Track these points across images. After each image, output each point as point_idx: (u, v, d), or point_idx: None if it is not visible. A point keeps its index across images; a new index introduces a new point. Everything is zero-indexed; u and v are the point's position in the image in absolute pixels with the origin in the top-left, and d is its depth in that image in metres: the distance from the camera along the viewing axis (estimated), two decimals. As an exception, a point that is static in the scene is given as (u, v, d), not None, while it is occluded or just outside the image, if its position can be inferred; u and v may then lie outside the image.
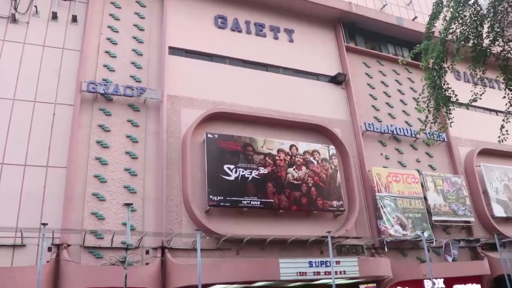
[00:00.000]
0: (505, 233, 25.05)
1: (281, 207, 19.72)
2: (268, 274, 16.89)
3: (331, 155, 22.02)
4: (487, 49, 10.57)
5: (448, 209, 24.55)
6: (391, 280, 20.39)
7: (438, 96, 10.32)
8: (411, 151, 25.78)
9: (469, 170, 27.20)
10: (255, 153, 20.07)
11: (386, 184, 22.96)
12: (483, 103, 28.04)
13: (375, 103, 25.90)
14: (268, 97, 22.29)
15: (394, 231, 22.03)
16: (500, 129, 10.98)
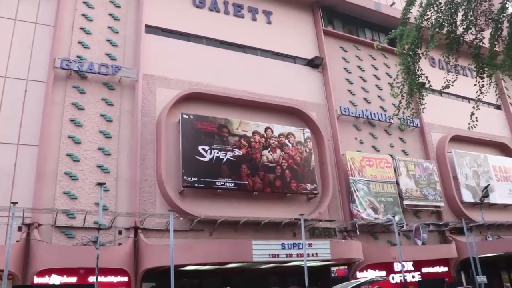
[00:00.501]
0: (472, 218, 25.77)
1: (255, 189, 19.82)
2: (241, 255, 17.02)
3: (306, 138, 22.15)
4: (461, 37, 10.73)
5: (419, 194, 25.04)
6: (362, 262, 20.81)
7: (411, 82, 10.44)
8: (385, 136, 26.11)
9: (440, 156, 27.75)
10: (230, 135, 20.05)
11: (359, 168, 23.25)
12: (456, 91, 28.60)
13: (351, 87, 26.08)
14: (244, 78, 22.22)
15: (366, 215, 22.40)
16: (470, 116, 11.19)
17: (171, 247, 14.60)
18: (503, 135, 33.18)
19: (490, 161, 30.02)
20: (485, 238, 26.90)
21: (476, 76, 11.25)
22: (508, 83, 36.06)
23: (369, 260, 21.05)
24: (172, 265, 14.25)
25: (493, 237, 27.19)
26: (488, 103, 31.76)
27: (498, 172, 29.87)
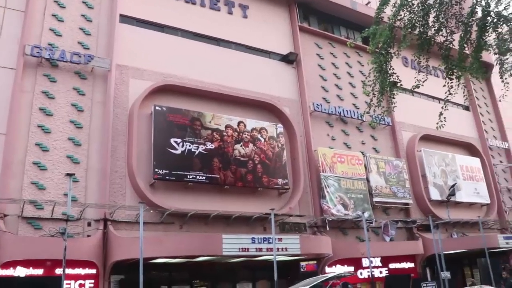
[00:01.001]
0: (439, 215, 26.40)
1: (226, 183, 19.86)
2: (211, 249, 17.06)
3: (278, 133, 22.28)
4: (432, 38, 10.97)
5: (388, 191, 25.49)
6: (331, 258, 21.11)
7: (383, 80, 10.62)
8: (357, 133, 26.47)
9: (410, 154, 28.29)
10: (203, 128, 20.02)
11: (331, 164, 23.51)
12: (427, 91, 29.28)
13: (324, 84, 26.31)
14: (218, 72, 22.17)
15: (336, 211, 22.69)
16: (438, 116, 11.47)
17: (140, 240, 14.53)
18: (471, 135, 34.03)
19: (458, 160, 30.77)
20: (450, 236, 27.60)
21: (445, 77, 11.52)
22: (476, 85, 37.01)
23: (338, 256, 21.37)
24: (141, 258, 14.19)
25: (458, 234, 27.93)
26: (458, 104, 32.51)
27: (464, 172, 30.63)
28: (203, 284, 20.34)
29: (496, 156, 35.57)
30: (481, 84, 37.97)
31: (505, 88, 13.21)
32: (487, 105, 37.64)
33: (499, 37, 12.33)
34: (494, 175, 33.40)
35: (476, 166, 31.90)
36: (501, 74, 12.97)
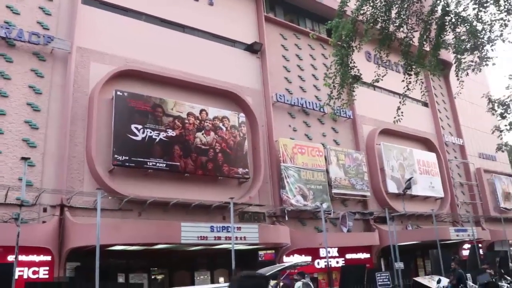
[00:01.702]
0: (395, 208, 27.19)
1: (186, 171, 19.84)
2: (169, 236, 17.07)
3: (240, 122, 22.37)
4: (393, 34, 11.25)
5: (347, 183, 26.01)
6: (289, 247, 21.44)
7: (344, 73, 10.83)
8: (318, 125, 26.85)
9: (370, 147, 28.93)
10: (165, 115, 19.90)
11: (291, 155, 23.80)
12: (388, 86, 29.93)
13: (288, 75, 26.52)
14: (182, 59, 22.02)
15: (296, 201, 23.02)
16: (396, 110, 11.79)
17: (97, 226, 14.32)
18: (428, 131, 35.08)
19: (415, 155, 31.69)
20: (405, 227, 28.47)
21: (404, 72, 11.85)
22: (435, 82, 38.08)
23: (296, 245, 21.73)
24: (98, 245, 14.01)
25: (412, 226, 28.85)
26: (417, 100, 33.34)
27: (421, 166, 31.58)
28: (161, 272, 20.34)
29: (451, 152, 36.83)
30: (440, 82, 39.12)
31: (460, 86, 13.69)
32: (444, 102, 38.84)
33: (457, 37, 12.77)
34: (448, 170, 34.59)
35: (432, 161, 32.93)
36: (457, 73, 13.47)
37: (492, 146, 26.89)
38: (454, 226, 31.31)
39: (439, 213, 30.47)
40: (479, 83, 40.56)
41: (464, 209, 35.10)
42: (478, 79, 39.25)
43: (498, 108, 15.08)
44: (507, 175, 41.90)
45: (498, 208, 37.69)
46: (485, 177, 38.21)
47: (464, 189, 36.74)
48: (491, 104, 15.27)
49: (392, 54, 13.27)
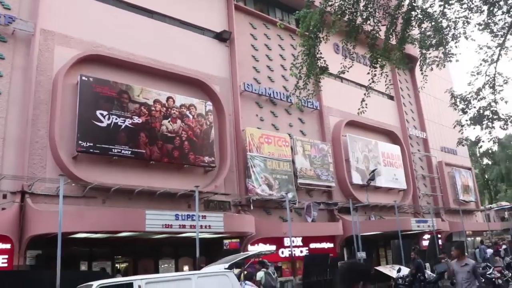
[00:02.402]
0: (359, 199, 27.76)
1: (152, 159, 19.74)
2: (134, 224, 16.98)
3: (207, 111, 22.35)
4: (360, 27, 11.45)
5: (313, 173, 26.36)
6: (254, 236, 21.63)
7: (310, 64, 10.98)
8: (285, 116, 27.06)
9: (335, 138, 29.35)
10: (131, 101, 19.70)
11: (258, 144, 23.95)
12: (356, 78, 30.34)
13: (256, 64, 26.59)
14: (150, 45, 21.78)
15: (261, 191, 23.22)
16: (361, 102, 12.03)
17: (59, 213, 14.09)
18: (393, 124, 35.83)
19: (380, 147, 32.32)
20: (368, 218, 29.09)
21: (370, 65, 12.09)
22: (401, 76, 38.84)
23: (261, 234, 21.94)
24: (59, 232, 13.77)
25: (375, 217, 29.49)
26: (383, 94, 33.99)
27: (385, 158, 32.25)
28: (124, 260, 20.27)
29: (415, 145, 37.78)
30: (405, 76, 39.93)
31: (424, 80, 14.07)
32: (410, 96, 39.71)
33: (423, 33, 13.13)
34: (411, 162, 35.48)
35: (396, 153, 33.68)
36: (421, 67, 13.84)
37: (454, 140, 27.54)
38: (415, 217, 32.14)
39: (401, 204, 31.25)
40: (443, 79, 41.62)
41: (425, 201, 36.11)
42: (442, 75, 40.28)
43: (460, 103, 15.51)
44: (466, 169, 43.35)
45: (457, 200, 39.05)
46: (446, 170, 39.42)
47: (426, 182, 37.78)
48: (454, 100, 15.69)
49: (359, 47, 13.52)
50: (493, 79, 14.38)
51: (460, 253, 9.27)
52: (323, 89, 27.10)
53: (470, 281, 8.84)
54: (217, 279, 10.49)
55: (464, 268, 8.99)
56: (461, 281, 8.93)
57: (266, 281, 14.54)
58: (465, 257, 9.32)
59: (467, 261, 9.16)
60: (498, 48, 13.95)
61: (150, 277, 9.64)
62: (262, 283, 14.53)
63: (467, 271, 8.91)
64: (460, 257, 9.23)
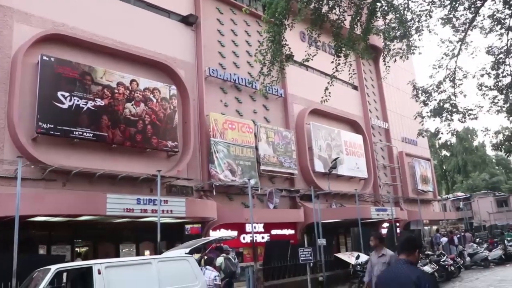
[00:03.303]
0: (321, 186, 28.29)
1: (114, 142, 19.59)
2: (94, 208, 16.91)
3: (171, 95, 22.28)
4: (325, 15, 11.64)
5: (276, 160, 26.68)
6: (216, 222, 21.83)
7: (275, 51, 11.11)
8: (250, 102, 27.22)
9: (299, 126, 29.72)
10: (93, 83, 19.44)
11: (221, 130, 24.06)
12: (321, 67, 30.67)
13: (222, 50, 26.57)
14: (114, 26, 21.44)
15: (224, 176, 23.38)
16: (324, 90, 12.27)
17: (17, 196, 13.87)
18: (357, 113, 36.50)
19: (343, 136, 32.92)
20: (329, 206, 29.69)
21: (334, 54, 12.33)
22: (366, 66, 39.51)
23: (223, 220, 22.16)
24: (17, 215, 13.55)
25: (336, 205, 30.12)
26: (347, 83, 34.47)
27: (348, 147, 32.88)
28: (85, 244, 20.13)
29: (377, 135, 38.63)
30: (370, 66, 40.65)
31: (386, 71, 14.45)
32: (373, 87, 40.48)
33: (387, 24, 13.46)
34: (373, 152, 36.30)
35: (358, 142, 34.38)
36: (384, 58, 14.22)
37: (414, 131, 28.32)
38: (375, 205, 32.99)
39: (362, 193, 32.01)
40: (406, 71, 42.54)
41: (386, 190, 37.09)
42: (405, 67, 41.15)
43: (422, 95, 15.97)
44: (426, 160, 44.68)
45: (416, 190, 40.27)
46: (406, 160, 40.52)
47: (386, 171, 38.75)
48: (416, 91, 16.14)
49: (324, 35, 13.72)
50: (453, 73, 14.89)
51: (378, 242, 8.42)
52: (288, 77, 27.41)
53: None
54: (177, 264, 10.62)
55: (380, 260, 8.08)
56: (376, 275, 7.71)
57: (225, 266, 14.75)
58: (383, 246, 8.42)
59: (385, 251, 8.22)
60: (459, 43, 14.45)
61: (110, 261, 9.69)
62: (221, 269, 14.75)
63: (383, 262, 7.94)
64: (378, 246, 8.36)
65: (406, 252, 4.54)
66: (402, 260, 4.51)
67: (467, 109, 15.32)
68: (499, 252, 25.12)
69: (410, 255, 4.53)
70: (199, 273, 10.76)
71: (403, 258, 4.53)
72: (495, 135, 17.91)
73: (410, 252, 4.53)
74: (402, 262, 4.50)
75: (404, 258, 4.51)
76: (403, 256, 4.55)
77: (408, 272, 4.34)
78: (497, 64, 15.00)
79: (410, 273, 4.32)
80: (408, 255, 4.53)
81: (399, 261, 4.56)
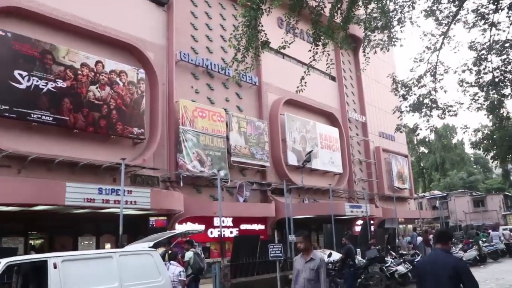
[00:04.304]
0: (293, 180, 28.41)
1: (76, 127, 19.22)
2: (52, 197, 16.56)
3: (139, 79, 21.98)
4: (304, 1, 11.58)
5: (247, 152, 26.66)
6: (183, 215, 21.71)
7: (250, 36, 11.01)
8: (222, 89, 27.07)
9: (273, 117, 29.75)
10: (55, 63, 19.00)
11: (191, 118, 23.88)
12: (298, 56, 30.68)
13: (195, 33, 26.30)
14: (80, 3, 20.87)
15: (192, 167, 23.25)
16: (300, 80, 12.24)
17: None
18: (333, 106, 36.72)
19: (318, 128, 33.11)
20: (302, 201, 29.87)
21: (312, 42, 12.31)
22: (345, 57, 39.75)
23: (190, 213, 22.05)
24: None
25: (309, 200, 30.33)
26: (325, 74, 34.66)
27: (323, 140, 33.10)
28: (40, 236, 19.78)
29: (354, 128, 38.99)
30: (349, 57, 40.91)
31: (366, 63, 14.52)
32: (352, 78, 40.77)
33: (369, 14, 13.50)
34: (349, 146, 36.64)
35: (334, 136, 34.63)
36: (364, 49, 14.27)
37: (392, 126, 28.78)
38: (349, 202, 33.37)
39: (336, 188, 32.31)
40: (386, 63, 43.00)
41: (361, 186, 37.53)
42: (385, 59, 41.60)
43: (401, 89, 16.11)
44: (403, 156, 45.35)
45: (392, 187, 40.88)
46: (383, 156, 41.08)
47: (362, 166, 39.19)
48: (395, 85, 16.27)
49: (302, 22, 13.69)
50: (434, 67, 15.08)
51: (308, 244, 7.12)
52: (263, 65, 27.38)
53: (313, 283, 6.78)
54: (140, 258, 10.47)
55: (308, 265, 6.91)
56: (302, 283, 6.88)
57: (194, 262, 14.69)
58: (312, 249, 7.20)
59: (314, 255, 7.01)
60: (442, 37, 14.62)
61: (67, 255, 9.47)
62: (190, 264, 14.68)
63: (311, 269, 6.85)
64: (306, 249, 7.04)
65: (442, 242, 5.80)
66: (439, 249, 5.74)
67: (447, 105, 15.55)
68: (473, 253, 25.66)
69: (445, 244, 5.78)
70: (163, 269, 10.65)
71: (439, 247, 5.76)
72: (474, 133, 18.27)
73: (445, 242, 5.79)
74: (440, 250, 5.74)
75: (440, 247, 5.75)
76: (439, 245, 5.78)
77: (446, 258, 5.60)
78: (479, 60, 15.25)
79: (448, 258, 5.61)
80: (443, 244, 5.77)
81: (437, 249, 5.80)
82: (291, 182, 28.06)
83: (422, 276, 5.76)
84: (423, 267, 5.87)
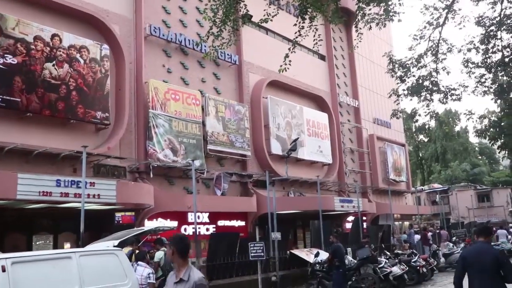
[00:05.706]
0: (277, 171, 28.43)
1: (29, 110, 18.86)
2: (2, 191, 16.21)
3: (103, 56, 21.67)
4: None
5: (226, 139, 26.55)
6: (153, 209, 21.57)
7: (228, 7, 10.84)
8: (198, 69, 26.85)
9: (255, 100, 29.66)
10: (3, 35, 18.50)
11: (163, 101, 23.66)
12: (283, 31, 30.53)
13: (166, 4, 25.92)
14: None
15: (164, 156, 23.08)
16: (284, 58, 12.10)
17: None
18: (323, 88, 36.71)
19: (305, 114, 33.11)
20: (287, 194, 29.92)
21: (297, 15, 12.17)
22: (336, 33, 39.72)
23: (161, 208, 21.91)
24: None
25: (295, 193, 30.39)
26: (314, 52, 34.56)
27: (310, 127, 33.13)
28: (-13, 235, 19.54)
29: (345, 114, 39.09)
30: (341, 34, 40.86)
31: (358, 39, 14.45)
32: (343, 58, 40.77)
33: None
34: (340, 134, 36.72)
35: (323, 122, 34.68)
36: (356, 23, 14.14)
37: (388, 112, 28.80)
38: (340, 196, 33.54)
39: (325, 180, 32.43)
40: (382, 41, 43.21)
41: (352, 178, 37.75)
42: (382, 36, 41.71)
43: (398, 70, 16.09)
44: (400, 145, 45.65)
45: (387, 180, 41.10)
46: (377, 145, 41.29)
47: (354, 156, 39.37)
48: (392, 65, 16.26)
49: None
50: (436, 46, 15.07)
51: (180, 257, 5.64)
52: (244, 42, 27.25)
53: None
54: (104, 259, 10.39)
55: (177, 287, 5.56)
56: None
57: (165, 262, 14.62)
58: (187, 263, 5.67)
59: (188, 273, 5.53)
60: (446, 11, 14.56)
61: (19, 256, 9.31)
62: (160, 265, 14.61)
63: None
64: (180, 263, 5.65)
65: (484, 235, 7.73)
66: (483, 242, 7.68)
67: (449, 89, 15.59)
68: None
69: (487, 237, 7.78)
70: (130, 270, 10.56)
71: (482, 240, 7.69)
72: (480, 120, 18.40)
73: (487, 236, 7.77)
74: (483, 243, 7.68)
75: (483, 240, 7.67)
76: (481, 238, 7.70)
77: (490, 249, 7.68)
78: (487, 38, 15.25)
79: (492, 249, 7.72)
80: (485, 237, 7.73)
81: (480, 242, 7.71)
82: (275, 173, 28.03)
83: (469, 264, 7.51)
84: (471, 256, 7.63)
